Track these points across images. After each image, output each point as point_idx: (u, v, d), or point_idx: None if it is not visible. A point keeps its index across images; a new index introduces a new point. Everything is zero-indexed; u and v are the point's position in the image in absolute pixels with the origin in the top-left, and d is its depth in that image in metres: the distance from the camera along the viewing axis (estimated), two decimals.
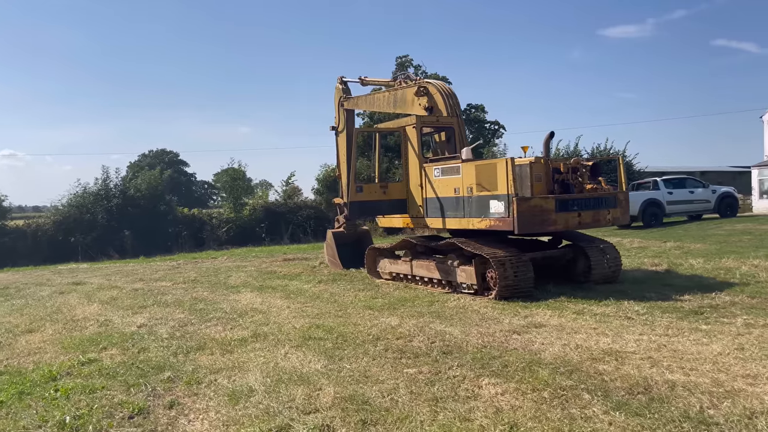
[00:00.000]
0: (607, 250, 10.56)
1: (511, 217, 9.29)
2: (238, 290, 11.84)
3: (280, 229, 30.28)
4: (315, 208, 31.63)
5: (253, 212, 31.46)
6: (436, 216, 10.96)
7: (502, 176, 9.43)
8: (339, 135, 15.79)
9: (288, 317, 8.10)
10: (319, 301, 9.75)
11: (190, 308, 9.41)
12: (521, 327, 6.72)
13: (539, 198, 9.45)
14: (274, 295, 10.71)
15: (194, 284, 13.40)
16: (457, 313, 7.97)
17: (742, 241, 16.15)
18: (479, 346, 5.83)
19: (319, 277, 13.56)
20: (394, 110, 13.32)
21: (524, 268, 9.60)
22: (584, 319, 7.15)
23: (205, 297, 10.90)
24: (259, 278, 13.99)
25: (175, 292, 11.80)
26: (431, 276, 11.07)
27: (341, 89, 15.55)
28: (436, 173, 10.86)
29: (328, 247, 15.80)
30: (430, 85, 12.17)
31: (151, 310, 9.39)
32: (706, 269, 11.45)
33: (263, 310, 8.90)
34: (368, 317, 7.83)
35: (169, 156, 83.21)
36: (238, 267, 17.38)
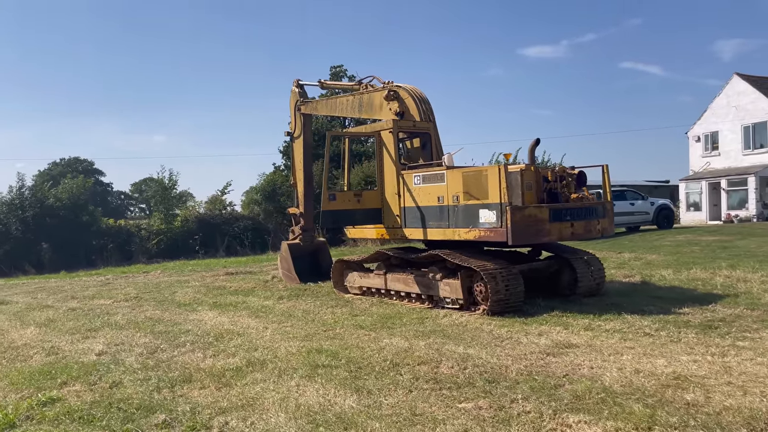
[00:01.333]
0: (591, 261, 10.22)
1: (505, 227, 8.74)
2: (193, 309, 10.75)
3: (216, 242, 28.81)
4: (252, 219, 30.33)
5: (185, 223, 29.82)
6: (415, 226, 10.29)
7: (494, 184, 8.89)
8: (295, 141, 14.93)
9: (274, 340, 7.19)
10: (296, 319, 8.85)
11: (151, 331, 8.30)
12: (549, 347, 6.14)
13: (534, 207, 8.96)
14: (239, 314, 9.71)
15: (138, 302, 12.15)
16: (462, 332, 7.31)
17: (693, 252, 16.40)
18: (523, 372, 5.19)
19: (278, 292, 12.62)
20: (359, 115, 12.61)
21: (515, 282, 9.09)
22: (605, 336, 6.66)
23: (160, 317, 9.75)
24: (210, 294, 12.89)
25: (121, 312, 10.55)
26: (409, 290, 10.38)
27: (297, 93, 14.72)
28: (417, 181, 10.20)
29: (283, 260, 14.82)
30: (400, 89, 11.54)
31: (105, 334, 8.20)
32: (681, 280, 11.35)
33: (239, 331, 7.92)
34: (366, 338, 7.04)
35: (83, 164, 78.66)
36: (179, 282, 16.09)
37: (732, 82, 32.80)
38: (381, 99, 11.72)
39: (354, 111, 12.64)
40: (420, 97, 11.49)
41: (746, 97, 31.77)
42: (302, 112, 14.49)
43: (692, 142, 34.16)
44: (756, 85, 31.85)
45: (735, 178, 30.80)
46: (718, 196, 31.61)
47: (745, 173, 30.26)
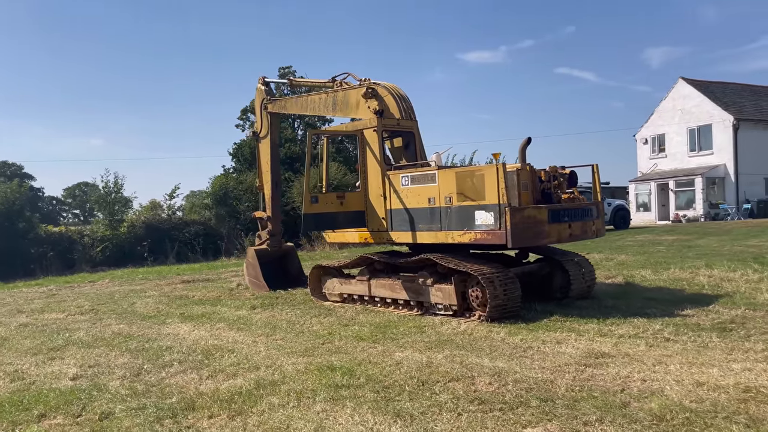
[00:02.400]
0: (582, 263, 9.98)
1: (504, 229, 8.36)
2: (162, 321, 9.93)
3: (165, 248, 27.48)
4: (204, 224, 29.11)
5: (131, 229, 28.34)
6: (403, 229, 9.79)
7: (491, 184, 8.49)
8: (261, 141, 14.22)
9: (272, 356, 6.54)
10: (283, 331, 8.21)
11: (126, 348, 7.49)
12: (582, 357, 5.75)
13: (533, 208, 8.62)
14: (217, 327, 8.98)
15: (96, 315, 11.20)
16: (473, 341, 6.86)
17: (660, 251, 16.53)
18: (573, 388, 4.76)
19: (248, 301, 11.91)
20: (332, 114, 12.05)
21: (513, 286, 8.72)
22: (630, 344, 6.33)
23: (129, 332, 8.91)
24: (173, 305, 12.05)
25: (82, 327, 9.62)
26: (396, 297, 9.88)
27: (263, 90, 14.01)
28: (404, 181, 9.71)
29: (250, 266, 14.06)
30: (379, 87, 11.02)
31: (73, 354, 7.34)
32: (665, 280, 11.28)
33: (227, 347, 7.22)
34: (374, 352, 6.49)
35: (11, 168, 74.55)
36: (134, 292, 15.09)
37: (677, 86, 33.85)
38: (358, 97, 11.17)
39: (327, 109, 12.04)
40: (399, 95, 11.01)
41: (691, 101, 32.82)
42: (269, 110, 13.79)
43: (640, 144, 35.03)
44: (701, 89, 32.96)
45: (682, 179, 31.74)
46: (666, 196, 32.47)
47: (692, 174, 31.23)
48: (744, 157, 31.26)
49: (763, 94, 35.57)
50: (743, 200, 31.29)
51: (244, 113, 51.16)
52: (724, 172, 31.79)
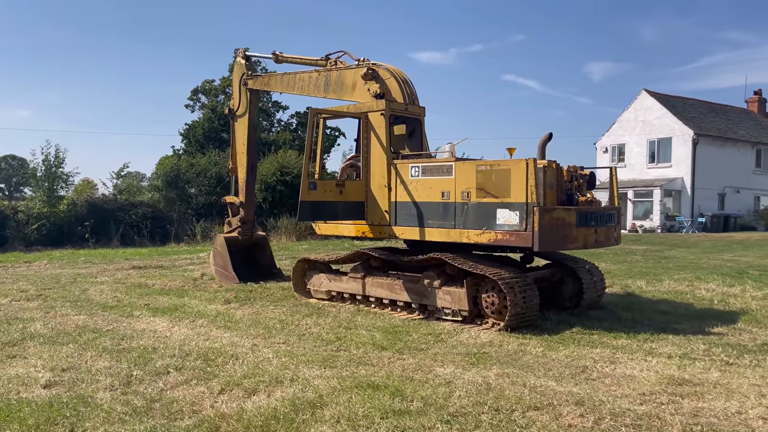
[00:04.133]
0: (593, 271, 9.38)
1: (530, 231, 7.61)
2: (129, 313, 8.75)
3: (109, 230, 25.58)
4: (152, 207, 27.32)
5: (72, 207, 26.26)
6: (408, 224, 8.91)
7: (518, 181, 7.72)
8: (238, 120, 13.05)
9: (287, 366, 5.56)
10: (282, 333, 7.21)
11: (101, 348, 6.32)
12: (661, 384, 5.03)
13: (562, 210, 7.91)
14: (198, 323, 7.90)
15: (46, 302, 9.88)
16: (513, 356, 6.08)
17: (638, 261, 16.25)
18: (686, 426, 4.02)
19: (220, 294, 10.81)
20: (324, 95, 10.99)
21: (532, 293, 8.02)
22: (701, 368, 5.67)
23: (94, 325, 7.71)
24: (132, 294, 10.83)
25: (34, 317, 8.35)
26: (395, 298, 9.02)
27: (244, 65, 12.87)
28: (414, 172, 8.83)
29: (218, 255, 12.88)
30: (380, 68, 10.09)
31: (36, 352, 6.13)
32: (664, 293, 10.85)
33: (225, 350, 6.18)
34: (408, 366, 5.61)
35: None
36: (82, 276, 13.66)
37: (640, 98, 34.25)
38: (355, 78, 10.21)
39: (318, 90, 11.02)
40: (403, 79, 10.11)
41: (653, 113, 33.25)
42: (249, 87, 12.65)
43: (600, 153, 35.32)
44: (662, 102, 33.43)
45: (641, 190, 32.10)
46: (624, 206, 32.80)
47: (651, 185, 31.62)
48: (701, 172, 31.93)
49: (719, 112, 36.53)
50: (698, 214, 31.96)
51: (194, 93, 48.89)
52: (681, 185, 32.36)
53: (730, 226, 31.35)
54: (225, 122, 38.36)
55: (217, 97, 47.16)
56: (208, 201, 28.06)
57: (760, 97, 39.26)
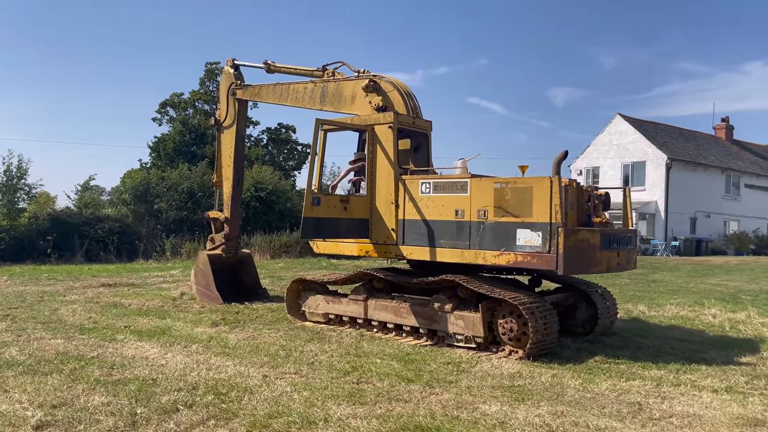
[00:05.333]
0: (605, 296, 9.00)
1: (554, 253, 7.16)
2: (111, 337, 7.99)
3: (73, 245, 24.40)
4: (119, 221, 26.20)
5: (34, 221, 25.00)
6: (418, 244, 8.39)
7: (541, 199, 7.29)
8: (224, 131, 12.41)
9: (312, 402, 4.95)
10: (292, 363, 6.57)
11: (92, 379, 5.59)
12: (732, 423, 4.58)
13: (587, 231, 7.50)
14: (192, 349, 7.22)
15: (15, 323, 9.06)
16: (552, 389, 5.59)
17: (628, 285, 15.99)
18: None
19: (206, 315, 10.10)
20: (320, 107, 10.45)
21: (552, 319, 7.57)
22: (760, 402, 5.26)
23: (76, 351, 6.96)
24: (109, 315, 10.05)
25: (6, 340, 7.54)
26: (401, 322, 8.46)
27: (232, 74, 12.25)
28: (425, 189, 8.33)
29: (200, 273, 12.12)
30: (382, 80, 9.63)
31: (17, 383, 5.37)
32: (670, 318, 10.55)
33: (234, 382, 5.52)
34: (446, 402, 5.06)
35: None
36: (49, 295, 12.76)
37: (614, 122, 34.63)
38: (355, 89, 9.72)
39: (314, 102, 10.48)
40: (406, 92, 9.66)
41: (627, 137, 33.62)
42: (237, 97, 12.03)
43: (574, 175, 35.48)
44: (636, 126, 33.84)
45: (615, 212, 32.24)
46: None
47: None
48: (674, 196, 32.27)
49: (689, 138, 37.19)
50: (671, 237, 32.25)
51: (162, 106, 47.86)
52: (655, 209, 32.68)
53: (702, 250, 31.72)
54: (196, 136, 37.43)
55: (186, 111, 46.25)
56: (178, 216, 27.11)
57: (727, 124, 40.20)
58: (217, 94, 46.66)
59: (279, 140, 48.33)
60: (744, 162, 38.14)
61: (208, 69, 47.51)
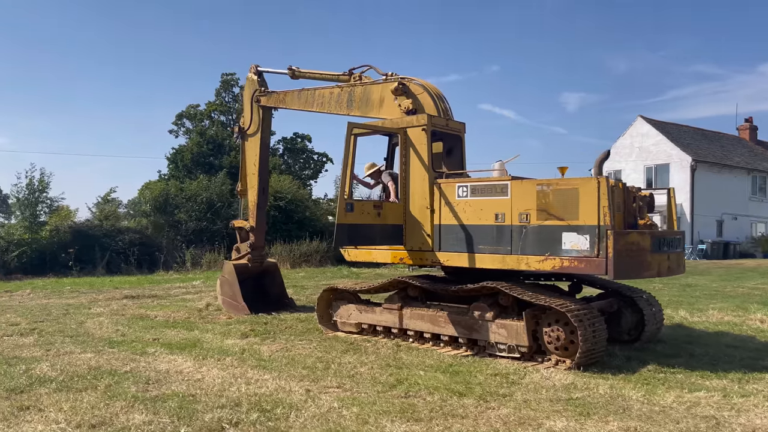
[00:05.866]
0: (651, 301, 8.64)
1: (603, 257, 6.82)
2: (141, 350, 7.76)
3: (94, 257, 24.31)
4: (140, 233, 26.10)
5: (55, 234, 24.95)
6: (455, 250, 8.08)
7: (589, 201, 6.96)
8: (249, 139, 12.18)
9: (366, 419, 4.66)
10: (332, 376, 6.28)
11: (129, 395, 5.33)
12: None
13: (637, 234, 7.16)
14: (228, 362, 6.95)
15: (42, 337, 8.87)
16: (614, 403, 5.25)
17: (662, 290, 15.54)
18: None
19: (234, 327, 9.85)
20: (347, 112, 10.19)
21: (601, 326, 7.22)
22: None
23: (108, 365, 6.72)
24: (136, 327, 9.85)
25: (35, 355, 7.34)
26: (438, 332, 8.14)
27: (256, 81, 12.02)
28: (462, 192, 8.03)
29: (226, 284, 11.90)
30: (412, 83, 9.36)
31: (51, 401, 5.12)
32: (716, 324, 10.13)
33: (277, 398, 5.24)
34: (507, 418, 4.74)
35: None
36: (73, 307, 12.63)
37: (636, 124, 34.12)
38: (383, 93, 9.46)
39: (340, 107, 10.24)
40: (437, 94, 9.38)
41: (649, 140, 33.08)
42: (262, 104, 11.82)
43: None
44: (659, 128, 33.30)
45: None
46: None
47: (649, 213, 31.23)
48: (699, 199, 31.68)
49: (713, 139, 36.58)
50: (697, 240, 31.62)
51: (179, 118, 47.98)
52: (680, 212, 32.08)
53: (730, 253, 31.05)
54: (214, 147, 37.38)
55: (203, 122, 46.32)
56: (198, 227, 26.94)
57: (751, 124, 39.53)
58: (238, 105, 46.82)
59: (295, 149, 48.24)
60: None
61: (224, 80, 47.59)
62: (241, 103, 47.60)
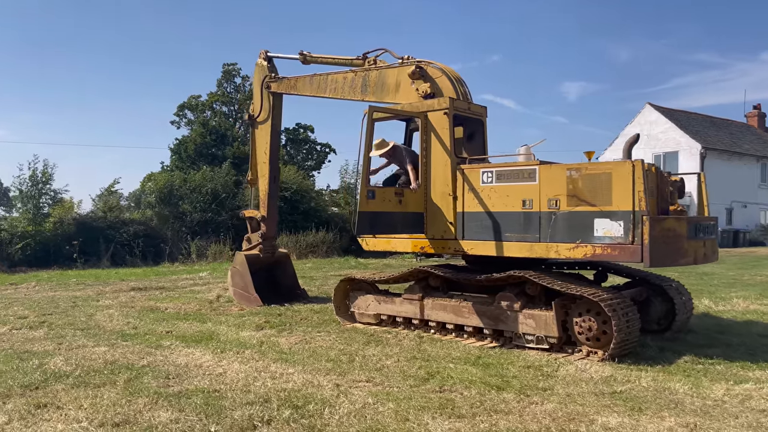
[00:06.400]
0: (680, 290, 8.37)
1: (639, 243, 6.54)
2: (155, 343, 7.51)
3: (98, 249, 24.06)
4: (145, 224, 25.84)
5: (59, 226, 24.69)
6: (481, 238, 7.79)
7: (623, 185, 6.67)
8: (259, 126, 11.86)
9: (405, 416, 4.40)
10: (358, 369, 6.02)
11: (151, 391, 5.07)
12: None
13: (673, 219, 6.87)
14: (248, 355, 6.69)
15: (52, 330, 8.62)
16: (665, 398, 4.97)
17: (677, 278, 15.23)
18: None
19: (248, 319, 9.59)
20: (361, 97, 9.87)
21: (634, 316, 6.94)
22: None
23: (124, 359, 6.47)
24: (147, 320, 9.60)
25: (47, 349, 7.09)
26: (462, 322, 7.86)
27: (266, 67, 11.67)
28: (487, 178, 7.73)
29: (238, 275, 11.62)
30: (430, 66, 9.03)
31: (69, 398, 4.86)
32: (740, 313, 9.93)
33: (307, 393, 4.98)
34: (555, 413, 4.48)
35: None
36: (80, 300, 12.39)
37: (644, 112, 33.72)
38: (399, 77, 9.14)
39: (354, 92, 9.92)
40: (456, 77, 9.05)
41: (658, 127, 32.70)
42: (272, 90, 11.49)
43: None
44: (667, 116, 32.90)
45: None
46: None
47: None
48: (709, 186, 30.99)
49: (721, 126, 36.20)
50: None
51: (181, 109, 47.66)
52: (689, 200, 31.72)
53: (740, 241, 30.73)
54: (217, 137, 37.01)
55: (205, 113, 45.93)
56: (203, 218, 26.65)
57: (759, 111, 39.11)
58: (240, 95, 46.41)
59: (297, 140, 47.86)
60: None
61: (225, 70, 47.19)
62: (243, 93, 47.42)
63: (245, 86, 46.69)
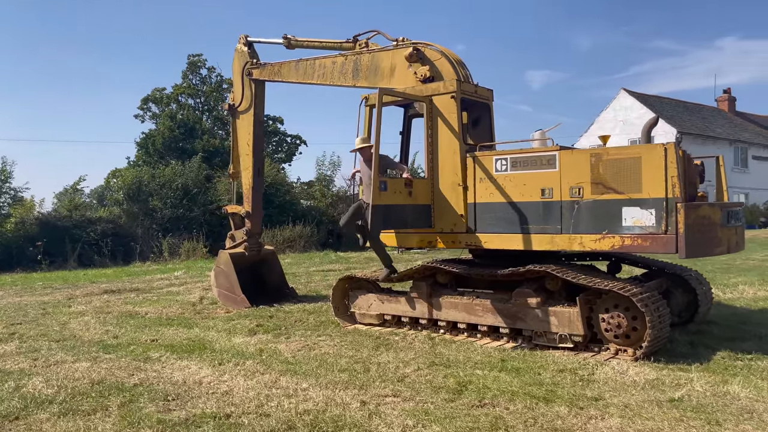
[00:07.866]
0: (701, 280, 7.97)
1: (672, 233, 6.06)
2: (143, 355, 6.79)
3: (64, 249, 22.92)
4: (113, 222, 24.74)
5: (21, 226, 23.47)
6: (495, 230, 7.24)
7: (653, 171, 6.20)
8: (240, 116, 11.10)
9: None
10: (380, 380, 5.42)
11: (154, 420, 4.39)
12: None
13: (707, 206, 6.41)
14: (249, 367, 6.05)
15: (24, 342, 7.83)
16: (711, 401, 4.50)
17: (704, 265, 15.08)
18: None
19: (238, 322, 8.95)
20: (352, 83, 9.21)
21: (665, 311, 6.49)
22: None
23: (113, 377, 5.75)
24: (128, 327, 8.85)
25: (23, 367, 6.32)
26: (476, 321, 7.32)
27: (246, 53, 10.89)
28: (500, 166, 7.17)
29: (222, 275, 10.88)
30: (428, 48, 8.42)
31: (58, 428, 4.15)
32: (751, 300, 9.65)
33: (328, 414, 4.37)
34: (615, 429, 3.93)
35: None
36: (50, 306, 11.54)
37: (619, 97, 33.70)
38: (395, 60, 8.51)
39: (345, 77, 9.25)
40: (456, 60, 8.45)
41: (633, 112, 32.69)
42: (254, 78, 10.73)
43: None
44: (642, 101, 32.92)
45: None
46: None
47: None
48: None
49: (694, 111, 36.43)
50: None
51: (144, 102, 46.07)
52: None
53: None
54: (185, 131, 35.81)
55: (170, 106, 44.49)
56: (174, 215, 25.64)
57: (729, 95, 39.52)
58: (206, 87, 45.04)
59: (266, 132, 46.77)
60: (750, 133, 37.48)
61: (191, 61, 45.74)
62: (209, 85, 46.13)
63: (211, 78, 45.43)
